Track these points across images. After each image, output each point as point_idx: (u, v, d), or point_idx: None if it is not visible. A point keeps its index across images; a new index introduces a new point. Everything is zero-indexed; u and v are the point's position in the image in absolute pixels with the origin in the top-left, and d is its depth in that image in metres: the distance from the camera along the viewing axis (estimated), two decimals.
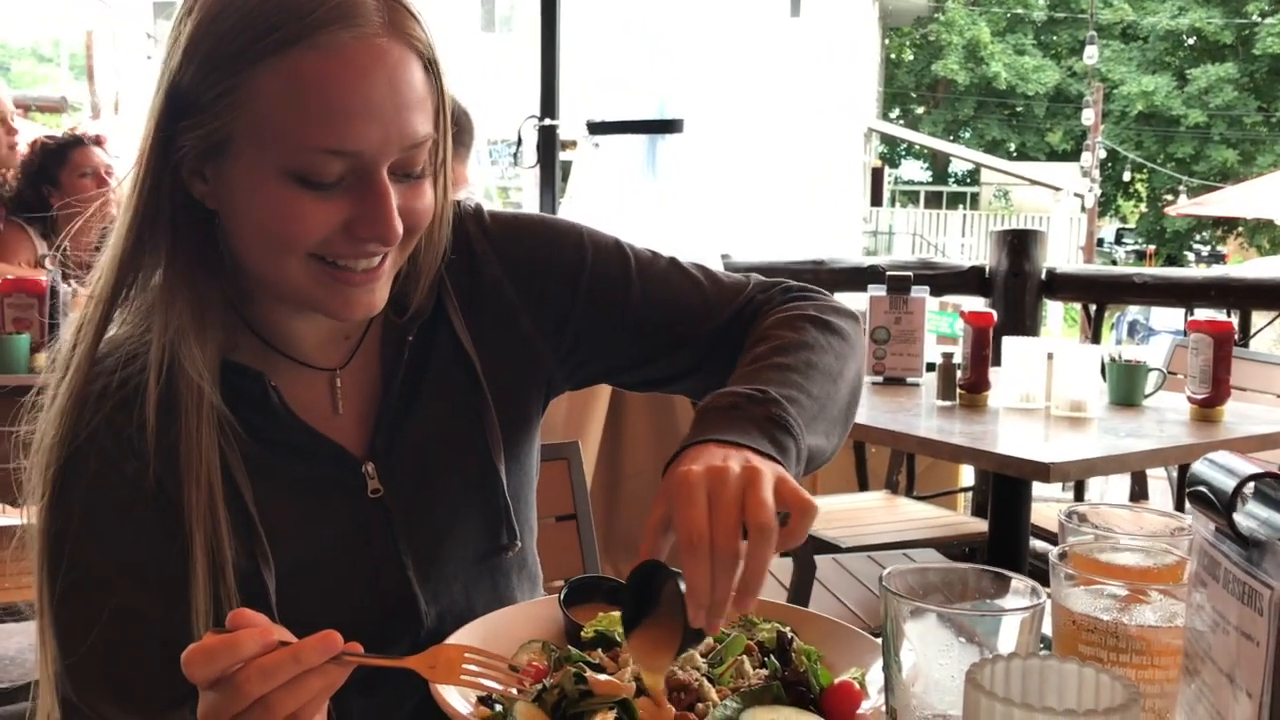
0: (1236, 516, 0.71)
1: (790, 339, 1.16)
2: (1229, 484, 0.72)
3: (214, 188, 1.02)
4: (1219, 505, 0.72)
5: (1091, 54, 21.74)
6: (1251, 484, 0.72)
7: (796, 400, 1.06)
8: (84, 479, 1.04)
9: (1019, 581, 0.84)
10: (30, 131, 4.36)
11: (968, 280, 4.54)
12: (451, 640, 1.03)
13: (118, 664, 1.03)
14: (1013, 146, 31.82)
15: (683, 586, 0.87)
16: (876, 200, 25.84)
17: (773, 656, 1.02)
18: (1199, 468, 0.76)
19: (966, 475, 4.54)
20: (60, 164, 3.99)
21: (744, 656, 1.02)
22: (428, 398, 1.17)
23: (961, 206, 31.55)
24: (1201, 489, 0.74)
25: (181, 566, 1.02)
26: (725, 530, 0.88)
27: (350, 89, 0.96)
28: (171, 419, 1.03)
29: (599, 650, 1.02)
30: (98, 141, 4.12)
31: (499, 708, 0.94)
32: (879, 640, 0.87)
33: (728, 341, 1.23)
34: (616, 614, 1.07)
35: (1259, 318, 4.40)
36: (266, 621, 0.88)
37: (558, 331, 1.24)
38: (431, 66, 1.03)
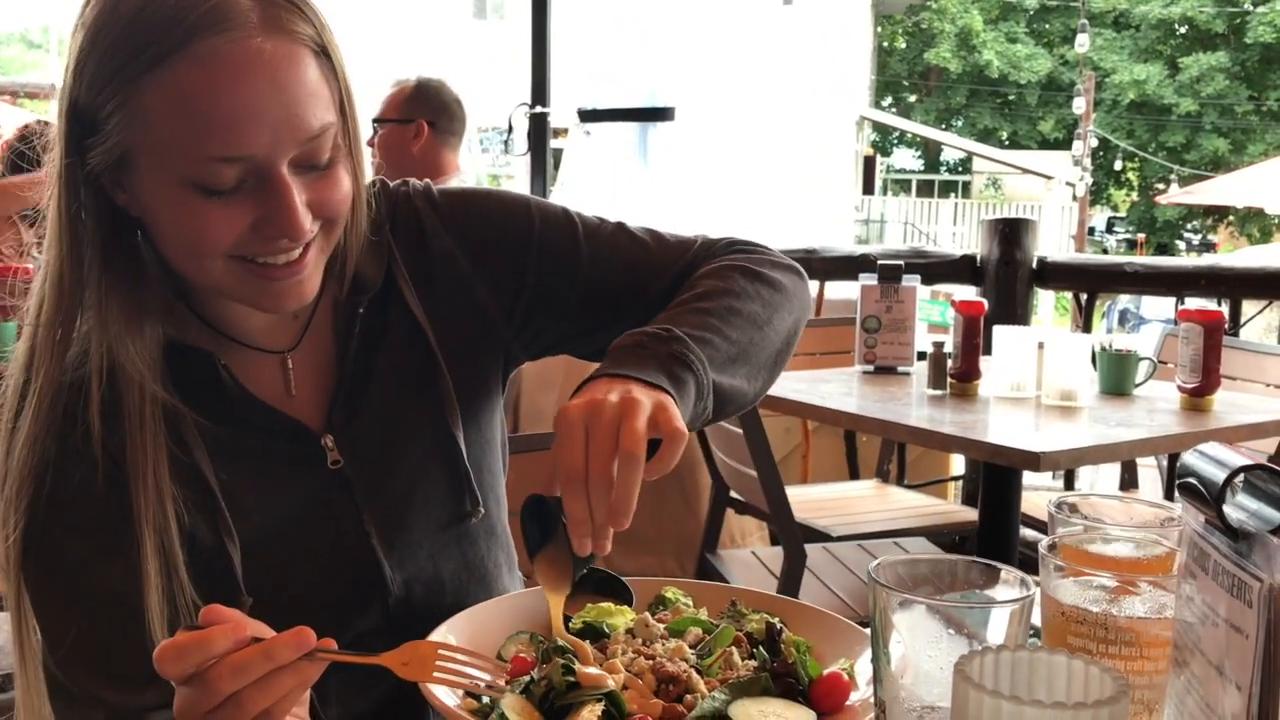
0: (1226, 508, 0.71)
1: (714, 286, 1.19)
2: (1219, 476, 0.71)
3: (132, 197, 1.03)
4: (1209, 497, 0.72)
5: (1083, 42, 21.78)
6: (1241, 476, 0.71)
7: (708, 341, 1.09)
8: (42, 489, 1.05)
9: (1008, 573, 0.84)
10: (16, 117, 4.34)
11: (959, 269, 4.55)
12: (438, 631, 1.03)
13: (99, 642, 1.05)
14: (1004, 135, 31.83)
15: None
16: (868, 188, 25.86)
17: (761, 648, 1.01)
18: (1189, 459, 0.75)
19: (957, 464, 4.55)
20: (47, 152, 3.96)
21: (733, 648, 1.02)
22: (383, 370, 1.19)
23: (953, 195, 31.57)
24: (1191, 481, 0.74)
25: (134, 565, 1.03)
26: (598, 459, 0.93)
27: (230, 95, 0.96)
28: (116, 424, 1.04)
29: (587, 642, 1.02)
30: None
31: (485, 699, 0.94)
32: (868, 631, 0.87)
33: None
34: (606, 605, 1.07)
35: (1249, 307, 4.41)
36: (240, 617, 0.88)
37: (511, 300, 1.25)
38: (323, 53, 1.03)
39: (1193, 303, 3.93)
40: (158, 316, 1.07)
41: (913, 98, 33.52)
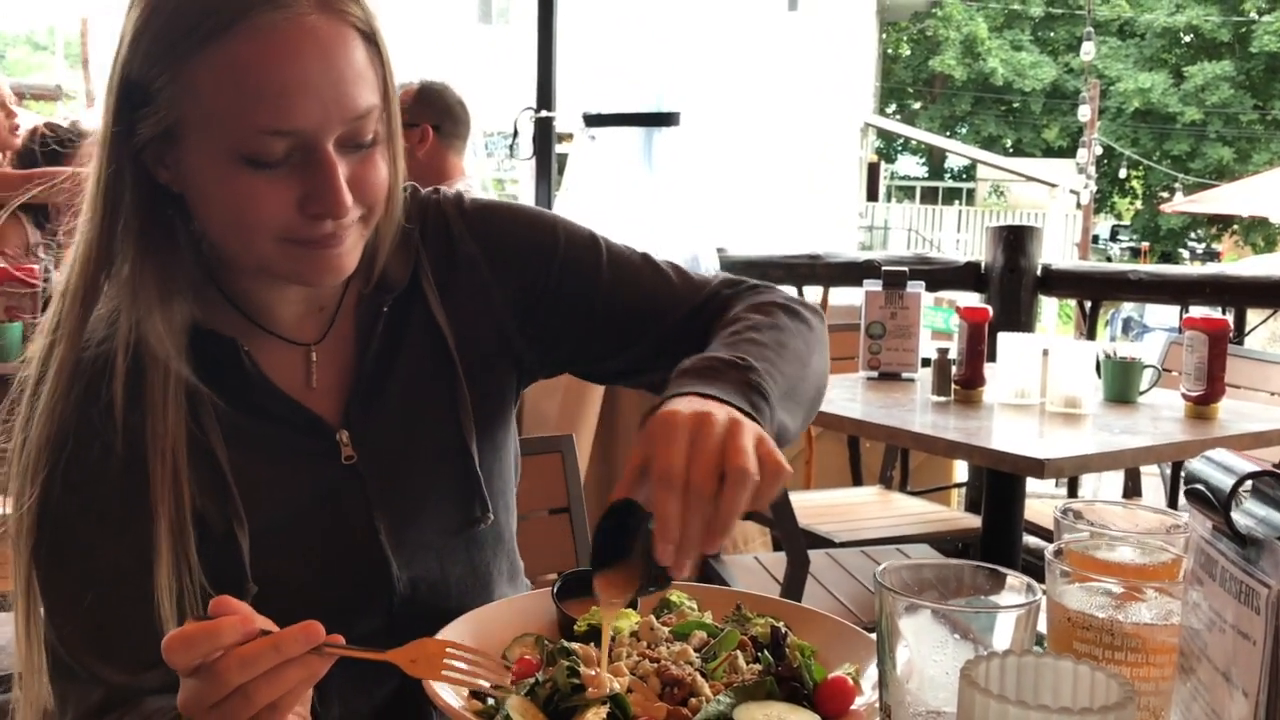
0: (1234, 515, 0.71)
1: (763, 320, 1.19)
2: (1227, 482, 0.71)
3: (176, 174, 1.05)
4: (1216, 503, 0.71)
5: (1088, 50, 21.76)
6: (1249, 482, 0.71)
7: (770, 374, 1.08)
8: (61, 459, 1.05)
9: (1014, 578, 0.84)
10: (26, 119, 4.34)
11: (963, 276, 4.54)
12: (443, 633, 1.03)
13: (102, 622, 1.05)
14: (1009, 142, 31.83)
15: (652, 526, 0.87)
16: (873, 195, 25.84)
17: (766, 652, 1.01)
18: (1196, 465, 0.75)
19: (961, 471, 4.54)
20: (57, 158, 3.97)
21: (738, 652, 1.02)
22: (401, 370, 1.20)
23: (957, 202, 31.55)
24: (1199, 487, 0.74)
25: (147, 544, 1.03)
26: (702, 469, 0.90)
27: (284, 68, 0.98)
28: (138, 398, 1.05)
29: (592, 644, 1.01)
30: None
31: (490, 700, 0.94)
32: (873, 636, 0.86)
33: (693, 333, 1.24)
34: None
35: (1254, 315, 4.40)
36: (248, 610, 0.88)
37: (529, 314, 1.27)
38: (371, 38, 1.05)
39: (1197, 311, 3.92)
40: (188, 297, 1.09)
41: (917, 105, 33.52)
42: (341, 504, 1.16)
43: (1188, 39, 30.16)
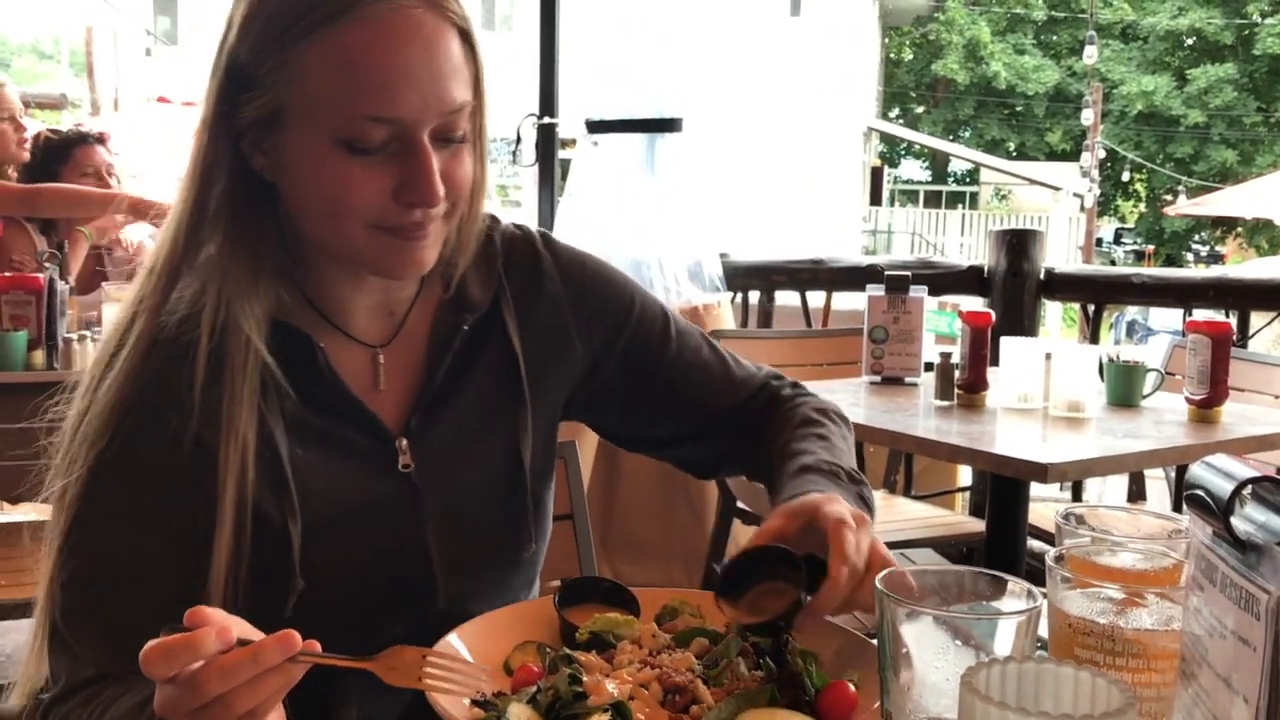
0: (1234, 520, 0.71)
1: (834, 431, 1.33)
2: (1226, 488, 0.71)
3: (272, 160, 1.08)
4: (1216, 509, 0.71)
5: (1091, 54, 21.74)
6: (1249, 487, 0.71)
7: (865, 485, 1.24)
8: (125, 426, 1.07)
9: (1015, 584, 0.84)
10: (31, 128, 4.35)
11: (966, 280, 4.54)
12: (445, 640, 1.03)
13: (107, 601, 1.05)
14: (1012, 146, 31.81)
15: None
16: (876, 199, 25.87)
17: (768, 658, 1.01)
18: (1196, 471, 0.75)
19: (964, 475, 4.54)
20: (63, 161, 3.99)
21: (739, 658, 1.02)
22: (469, 388, 1.23)
23: (961, 206, 31.55)
24: (1199, 492, 0.74)
25: (206, 519, 1.06)
26: (868, 554, 1.04)
27: (389, 58, 1.02)
28: (218, 376, 1.07)
29: (594, 652, 1.02)
30: (101, 139, 4.11)
31: (492, 709, 0.94)
32: (875, 642, 0.86)
33: (742, 420, 1.37)
34: (612, 615, 1.07)
35: (1258, 318, 4.39)
36: (225, 618, 0.88)
37: (595, 369, 1.32)
38: (467, 37, 1.09)
39: (1201, 314, 3.91)
40: (271, 285, 1.12)
41: (920, 109, 33.51)
42: (394, 511, 1.17)
43: (1190, 41, 30.14)
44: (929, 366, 3.02)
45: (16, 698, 1.11)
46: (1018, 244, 4.39)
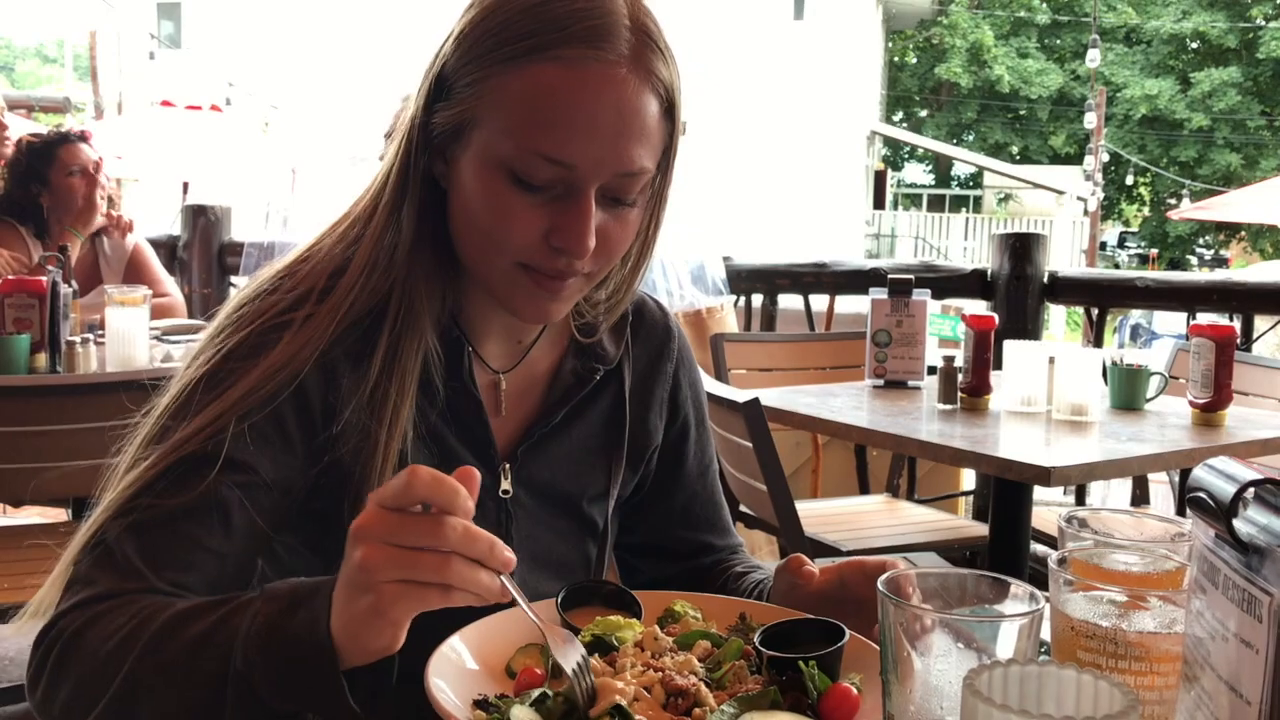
0: (1236, 523, 0.71)
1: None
2: (1229, 490, 0.71)
3: (448, 168, 1.11)
4: (1219, 511, 0.71)
5: (1094, 57, 21.74)
6: (1251, 490, 0.71)
7: None
8: (283, 388, 1.08)
9: (1018, 587, 0.84)
10: (20, 129, 4.36)
11: (970, 283, 4.54)
12: (448, 642, 1.02)
13: (175, 533, 1.03)
14: (1015, 150, 31.82)
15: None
16: (879, 203, 25.88)
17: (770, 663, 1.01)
18: (1199, 474, 0.75)
19: (968, 479, 4.54)
20: (48, 163, 4.00)
21: (742, 661, 1.02)
22: (575, 432, 1.26)
23: (964, 210, 31.55)
24: (1201, 495, 0.74)
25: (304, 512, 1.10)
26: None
27: (579, 105, 1.03)
28: (393, 362, 1.11)
29: (596, 655, 1.01)
30: (83, 138, 4.12)
31: (495, 709, 0.94)
32: (877, 646, 0.86)
33: (703, 563, 1.39)
34: (614, 618, 1.06)
35: (1261, 322, 4.39)
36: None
37: (653, 453, 1.35)
38: (669, 109, 1.10)
39: (1204, 318, 3.91)
40: (439, 286, 1.15)
41: (924, 113, 33.53)
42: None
43: (1194, 45, 30.15)
44: (932, 370, 3.03)
45: (28, 618, 1.09)
46: (1021, 247, 4.39)
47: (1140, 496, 3.91)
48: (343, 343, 1.11)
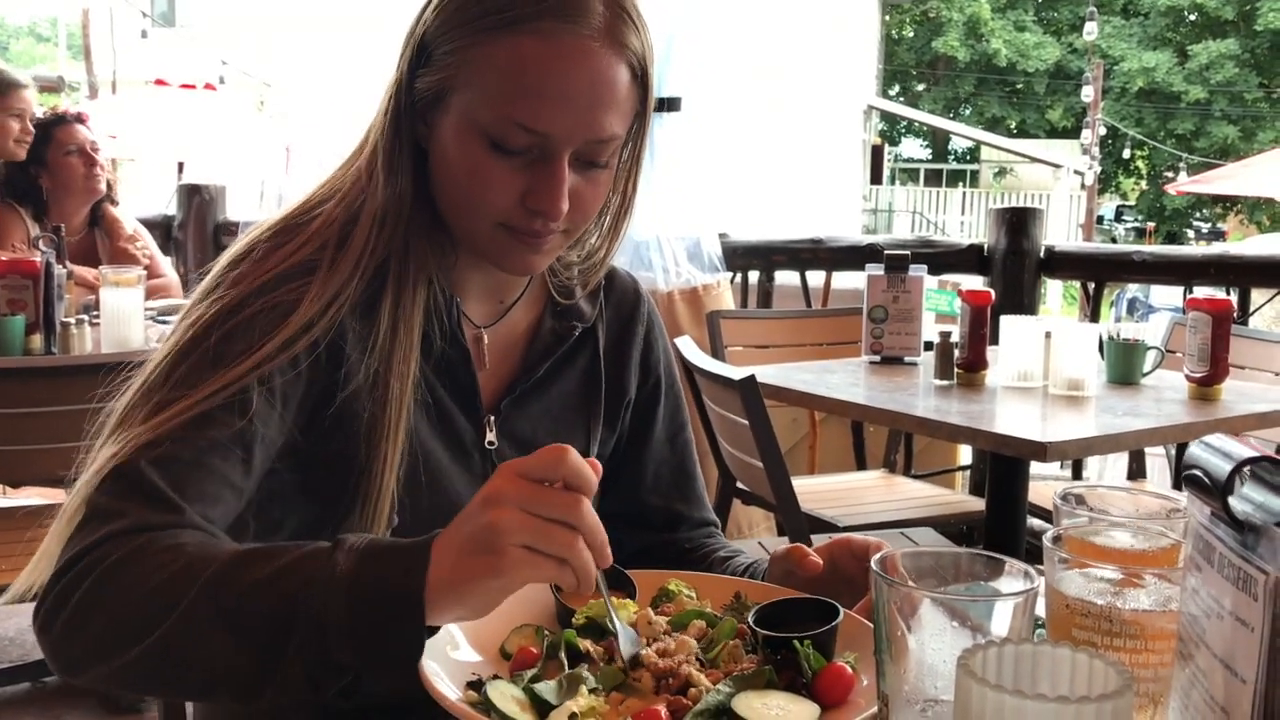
0: (1231, 501, 0.70)
1: None
2: (1225, 468, 0.71)
3: (430, 133, 1.15)
4: (1214, 489, 0.71)
5: (1091, 30, 21.69)
6: (1247, 467, 0.71)
7: None
8: (313, 309, 1.10)
9: (1012, 565, 0.83)
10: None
11: (966, 259, 4.53)
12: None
13: (203, 467, 1.03)
14: (1013, 124, 31.74)
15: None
16: (876, 178, 25.77)
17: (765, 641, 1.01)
18: (1194, 451, 0.75)
19: (965, 454, 4.54)
20: (45, 143, 4.00)
21: (737, 640, 1.02)
22: (554, 389, 1.31)
23: (961, 184, 31.49)
24: (1196, 472, 0.73)
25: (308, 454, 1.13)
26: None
27: (553, 76, 1.07)
28: (399, 316, 1.15)
29: (590, 640, 1.01)
30: (79, 119, 4.13)
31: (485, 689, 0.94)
32: (871, 624, 0.86)
33: (679, 536, 1.42)
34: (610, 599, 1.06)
35: (1258, 295, 4.39)
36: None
37: (626, 406, 1.39)
38: (640, 77, 1.14)
39: (1201, 291, 3.91)
40: (428, 242, 1.18)
41: (920, 87, 33.42)
42: (475, 484, 1.20)
43: (1192, 17, 30.03)
44: (929, 346, 3.02)
45: (11, 599, 1.10)
46: (1017, 222, 4.38)
47: (1137, 470, 3.92)
48: (354, 293, 1.15)
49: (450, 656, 0.98)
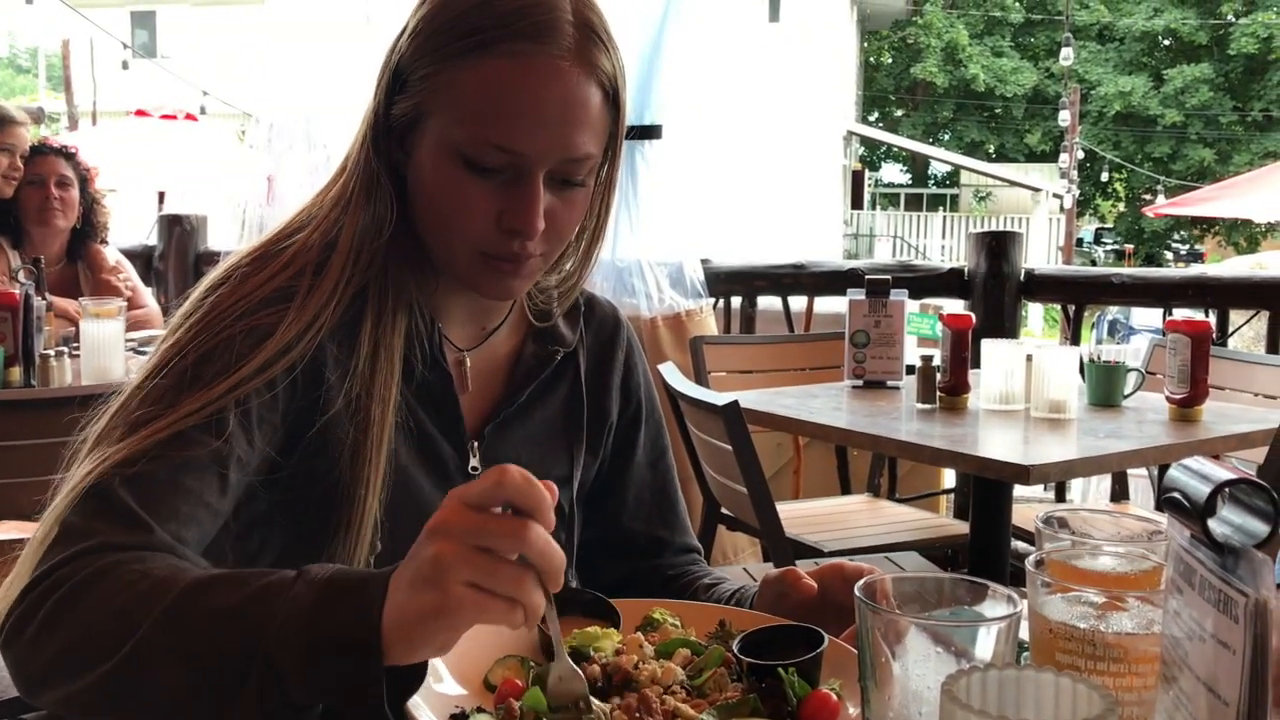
0: (1211, 523, 0.71)
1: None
2: (1204, 490, 0.71)
3: (408, 158, 1.16)
4: (1194, 512, 0.71)
5: (1068, 55, 21.87)
6: (1226, 490, 0.71)
7: None
8: (292, 333, 1.10)
9: (996, 589, 0.83)
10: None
11: (947, 282, 4.55)
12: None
13: (177, 487, 1.03)
14: (991, 148, 31.96)
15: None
16: (857, 203, 25.94)
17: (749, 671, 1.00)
18: (1174, 474, 0.75)
19: (949, 477, 4.54)
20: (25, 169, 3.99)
21: (723, 669, 1.01)
22: (537, 414, 1.31)
23: (941, 208, 31.65)
24: (1176, 495, 0.74)
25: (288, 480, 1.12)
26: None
27: (525, 96, 1.09)
28: (380, 340, 1.16)
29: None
30: (63, 151, 4.11)
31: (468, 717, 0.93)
32: (856, 650, 0.86)
33: (661, 563, 1.41)
34: (593, 629, 1.06)
35: (1237, 316, 4.42)
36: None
37: (608, 434, 1.38)
38: (612, 97, 1.16)
39: (1180, 313, 3.93)
40: (409, 269, 1.20)
41: (900, 112, 33.64)
42: None
43: (1166, 42, 30.36)
44: (911, 369, 3.03)
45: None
46: (997, 246, 4.40)
47: (1120, 491, 3.92)
48: (331, 317, 1.15)
49: (434, 689, 0.97)
